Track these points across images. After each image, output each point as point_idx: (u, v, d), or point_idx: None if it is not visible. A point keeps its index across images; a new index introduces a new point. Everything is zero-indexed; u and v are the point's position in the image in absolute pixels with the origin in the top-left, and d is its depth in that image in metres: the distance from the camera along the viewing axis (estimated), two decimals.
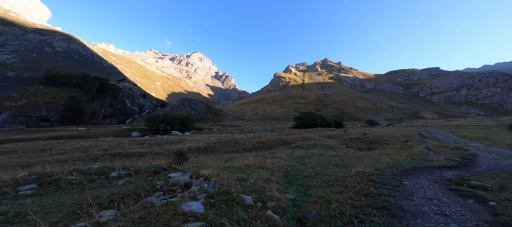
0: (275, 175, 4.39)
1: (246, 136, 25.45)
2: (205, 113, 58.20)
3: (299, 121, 48.54)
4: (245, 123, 58.91)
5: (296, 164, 6.25)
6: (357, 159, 6.64)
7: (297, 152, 10.44)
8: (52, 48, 74.09)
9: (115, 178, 3.57)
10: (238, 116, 79.56)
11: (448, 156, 5.90)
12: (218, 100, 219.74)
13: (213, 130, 35.95)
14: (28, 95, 33.11)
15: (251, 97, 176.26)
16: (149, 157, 10.99)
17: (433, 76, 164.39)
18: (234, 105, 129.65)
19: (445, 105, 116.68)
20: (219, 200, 2.27)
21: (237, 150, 16.10)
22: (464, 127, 30.43)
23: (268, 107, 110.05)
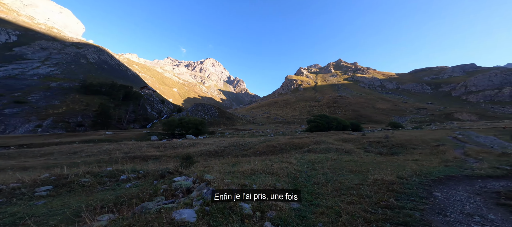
0: (281, 181, 4.16)
1: (257, 139, 25.26)
2: (217, 117, 59.73)
3: (313, 124, 46.78)
4: (256, 127, 58.86)
5: (306, 170, 5.89)
6: (376, 165, 6.00)
7: (309, 156, 9.95)
8: (86, 59, 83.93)
9: (124, 181, 3.73)
10: (250, 120, 79.97)
11: (494, 163, 4.83)
12: (230, 105, 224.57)
13: (225, 134, 36.58)
14: (67, 103, 37.73)
15: (262, 100, 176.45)
16: (164, 160, 11.46)
17: (468, 74, 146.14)
18: (245, 109, 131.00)
19: (485, 105, 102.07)
20: (214, 208, 2.17)
21: (248, 154, 16.01)
22: (500, 130, 26.10)
23: (280, 111, 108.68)
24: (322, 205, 2.74)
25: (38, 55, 67.34)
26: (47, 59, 65.85)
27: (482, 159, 5.78)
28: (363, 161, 6.82)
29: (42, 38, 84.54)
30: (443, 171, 4.35)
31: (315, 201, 2.95)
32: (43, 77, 49.69)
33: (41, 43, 78.63)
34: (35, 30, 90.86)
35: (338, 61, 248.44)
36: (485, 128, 33.56)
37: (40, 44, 76.76)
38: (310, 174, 5.20)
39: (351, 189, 3.40)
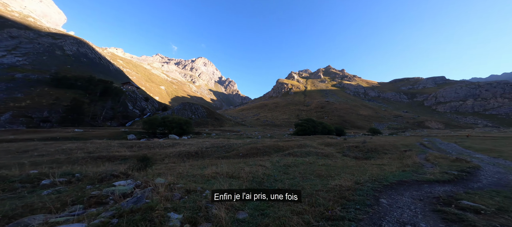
0: (243, 187, 3.79)
1: (242, 141, 24.87)
2: (205, 117, 58.10)
3: (300, 128, 47.66)
4: (245, 129, 58.28)
5: (277, 174, 5.62)
6: (345, 169, 5.97)
7: (286, 159, 9.78)
8: (62, 51, 77.06)
9: (45, 186, 3.10)
10: (239, 121, 79.12)
11: (445, 168, 5.17)
12: (220, 105, 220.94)
13: (211, 135, 35.52)
14: (32, 96, 33.83)
15: (253, 103, 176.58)
16: (133, 161, 10.48)
17: (438, 85, 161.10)
18: (236, 110, 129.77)
19: (451, 115, 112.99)
20: (128, 220, 1.74)
21: (230, 156, 15.50)
22: (471, 138, 29.02)
23: (270, 114, 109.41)
24: (272, 215, 2.43)
25: (5, 44, 60.21)
26: (15, 48, 59.10)
27: (438, 164, 6.13)
28: (335, 166, 6.78)
29: (13, 26, 75.92)
30: (399, 176, 4.44)
31: (266, 210, 2.64)
32: (7, 67, 44.28)
33: (12, 31, 70.51)
34: (6, 18, 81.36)
35: (327, 67, 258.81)
36: (449, 135, 37.07)
37: (9, 32, 68.76)
38: (278, 179, 4.94)
39: (309, 196, 3.18)
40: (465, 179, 4.52)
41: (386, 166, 5.83)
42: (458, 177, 4.45)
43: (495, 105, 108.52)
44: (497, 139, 24.70)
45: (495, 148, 14.16)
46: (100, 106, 36.26)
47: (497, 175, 4.95)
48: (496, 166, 7.03)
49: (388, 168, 5.46)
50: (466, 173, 4.86)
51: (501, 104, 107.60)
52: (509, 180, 4.60)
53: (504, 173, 5.30)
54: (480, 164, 6.43)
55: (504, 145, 15.92)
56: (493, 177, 4.64)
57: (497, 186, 4.09)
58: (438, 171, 4.87)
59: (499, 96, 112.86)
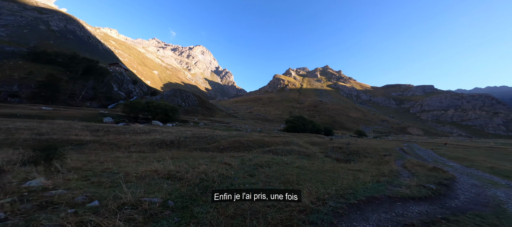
0: (173, 196, 2.80)
1: (228, 133, 23.94)
2: (196, 106, 56.23)
3: (290, 124, 47.34)
4: (236, 121, 57.23)
5: (239, 176, 4.71)
6: (317, 175, 5.19)
7: (263, 158, 8.93)
8: (47, 26, 70.73)
9: None
10: (231, 113, 77.77)
11: (423, 179, 4.63)
12: (214, 95, 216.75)
13: (199, 124, 34.23)
14: (3, 69, 30.52)
15: (248, 95, 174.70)
16: (90, 147, 9.22)
17: (426, 94, 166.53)
18: (229, 102, 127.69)
19: (431, 123, 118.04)
20: None
21: (209, 148, 14.51)
22: (440, 145, 30.06)
23: (263, 108, 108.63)
24: None
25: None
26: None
27: (415, 173, 5.64)
28: (310, 169, 5.99)
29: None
30: (371, 189, 3.79)
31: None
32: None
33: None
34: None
35: (325, 67, 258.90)
36: (426, 142, 38.36)
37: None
38: (237, 183, 3.99)
39: (255, 213, 2.26)
40: (442, 195, 3.92)
41: (362, 173, 5.10)
42: (435, 192, 3.84)
43: (473, 117, 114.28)
44: (469, 148, 25.54)
45: (467, 157, 14.37)
46: (80, 85, 33.51)
47: (474, 189, 4.51)
48: (470, 177, 6.84)
49: (363, 176, 4.71)
50: (443, 186, 4.27)
51: (478, 116, 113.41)
52: (488, 196, 4.03)
53: (481, 186, 4.92)
54: (455, 174, 6.12)
55: (475, 155, 16.25)
56: (471, 192, 4.17)
57: (477, 206, 3.45)
58: (415, 183, 4.19)
59: (477, 109, 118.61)
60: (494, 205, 3.52)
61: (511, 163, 12.19)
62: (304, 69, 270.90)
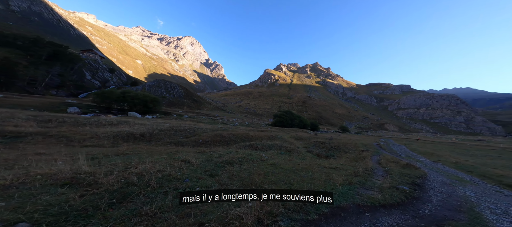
0: (46, 213, 1.76)
1: (211, 127, 22.77)
2: (182, 98, 53.35)
3: (278, 119, 47.27)
4: (224, 114, 55.68)
5: (194, 177, 3.82)
6: (288, 176, 4.56)
7: (238, 153, 8.08)
8: (5, 6, 60.83)
9: None
10: (220, 106, 75.66)
11: (396, 178, 4.35)
12: (203, 88, 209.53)
13: (183, 117, 32.35)
14: None
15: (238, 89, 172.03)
16: (29, 140, 7.57)
17: (403, 93, 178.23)
18: (219, 95, 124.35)
19: (405, 120, 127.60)
20: None
21: (186, 143, 13.30)
22: (414, 141, 32.30)
23: (253, 102, 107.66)
24: None
25: None
26: None
27: (389, 170, 5.46)
28: (284, 168, 5.37)
29: None
30: (340, 194, 3.26)
31: None
32: None
33: None
34: None
35: (314, 64, 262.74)
36: (400, 137, 41.19)
37: None
38: (183, 186, 3.09)
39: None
40: (415, 198, 3.53)
41: (336, 172, 4.58)
42: (408, 196, 3.47)
43: (440, 115, 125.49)
44: (435, 143, 27.66)
45: (434, 152, 15.13)
46: (43, 71, 29.25)
47: (445, 188, 4.35)
48: (439, 173, 6.88)
49: (336, 176, 4.20)
50: (416, 187, 3.98)
51: (444, 114, 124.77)
52: (459, 197, 3.79)
53: (450, 184, 4.85)
54: (426, 171, 6.17)
55: (441, 150, 17.35)
56: (442, 192, 3.97)
57: (451, 212, 3.19)
58: (388, 184, 3.88)
59: (444, 108, 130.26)
60: (468, 209, 3.27)
61: (472, 157, 13.03)
62: (295, 65, 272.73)
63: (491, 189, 4.88)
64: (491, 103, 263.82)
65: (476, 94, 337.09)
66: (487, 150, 19.67)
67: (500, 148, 25.48)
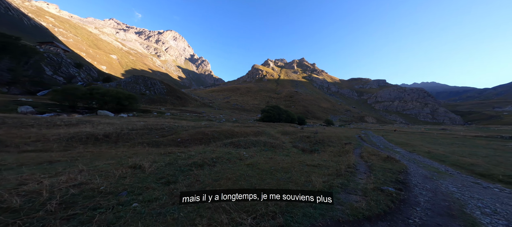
0: None
1: (194, 124, 21.33)
2: (164, 95, 49.80)
3: (265, 114, 46.98)
4: (210, 111, 53.64)
5: (138, 189, 2.83)
6: (262, 180, 3.90)
7: (212, 153, 7.20)
8: None
9: None
10: (206, 102, 72.87)
11: (379, 176, 4.01)
12: (189, 84, 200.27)
13: (165, 114, 30.03)
14: None
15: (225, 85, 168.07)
16: None
17: (380, 87, 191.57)
18: (205, 91, 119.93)
19: (382, 113, 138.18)
20: None
21: (162, 142, 11.94)
22: (390, 132, 34.76)
23: (241, 98, 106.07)
24: None
25: None
26: None
27: (371, 165, 5.26)
28: (262, 167, 4.78)
29: None
30: (316, 207, 2.64)
31: None
32: None
33: None
34: None
35: (301, 60, 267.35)
36: (378, 129, 44.18)
37: None
38: (103, 205, 2.10)
39: None
40: (402, 202, 3.11)
41: (317, 172, 4.20)
42: (394, 200, 3.01)
43: (411, 107, 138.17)
44: (408, 133, 29.96)
45: (408, 142, 15.94)
46: None
47: (428, 183, 4.11)
48: (417, 165, 6.85)
49: (317, 177, 3.77)
50: (401, 185, 3.62)
51: (414, 106, 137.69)
52: (446, 195, 3.50)
53: (431, 178, 4.72)
54: (405, 164, 6.11)
55: (413, 140, 18.45)
56: (426, 189, 3.68)
57: (444, 218, 2.77)
58: (372, 185, 3.41)
59: (414, 100, 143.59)
60: (458, 210, 2.97)
61: (440, 146, 13.95)
62: (282, 61, 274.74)
63: (468, 181, 4.81)
64: (452, 95, 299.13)
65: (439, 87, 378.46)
66: (451, 139, 21.58)
67: (461, 135, 28.49)
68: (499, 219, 2.62)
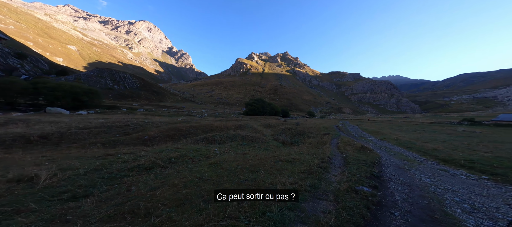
0: None
1: (169, 120, 19.35)
2: (137, 89, 44.71)
3: (249, 107, 46.17)
4: (192, 106, 50.41)
5: None
6: (221, 184, 3.03)
7: (169, 152, 6.04)
8: None
9: None
10: (188, 97, 68.46)
11: (354, 171, 3.59)
12: (168, 78, 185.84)
13: (137, 110, 26.79)
14: None
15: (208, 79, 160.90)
16: None
17: (355, 80, 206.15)
18: (187, 85, 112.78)
19: (357, 104, 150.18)
20: None
21: (124, 141, 10.20)
22: (362, 121, 37.67)
23: (225, 92, 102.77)
24: None
25: None
26: None
27: (347, 157, 5.04)
28: (228, 167, 4.12)
29: None
30: (275, 223, 1.95)
31: None
32: None
33: None
34: None
35: (285, 53, 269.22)
36: (354, 119, 47.59)
37: None
38: None
39: None
40: (379, 207, 2.63)
41: (288, 170, 3.74)
42: (370, 205, 2.50)
43: (380, 98, 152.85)
44: (378, 122, 32.74)
45: (379, 130, 16.89)
46: None
47: (402, 176, 3.84)
48: (388, 153, 6.87)
49: (285, 178, 3.26)
50: (376, 180, 3.23)
51: (383, 97, 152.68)
52: (421, 189, 3.24)
53: (403, 168, 4.55)
54: (378, 153, 6.06)
55: (383, 128, 19.81)
56: (402, 183, 3.39)
57: (426, 223, 2.31)
58: (345, 185, 2.87)
59: (383, 92, 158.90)
60: (439, 210, 2.55)
61: (405, 133, 15.03)
62: (266, 54, 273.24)
63: (435, 168, 4.76)
64: (412, 87, 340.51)
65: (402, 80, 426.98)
66: (413, 126, 23.93)
67: (420, 122, 32.21)
68: (483, 218, 2.34)
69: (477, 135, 13.76)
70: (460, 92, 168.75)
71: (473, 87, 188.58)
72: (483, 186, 3.44)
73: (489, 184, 3.58)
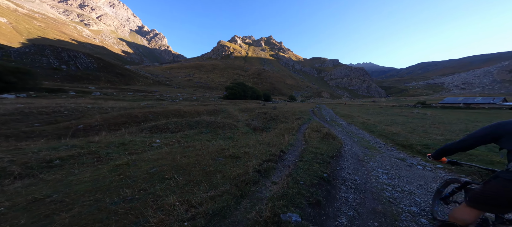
0: None
1: (128, 105, 16.64)
2: (95, 70, 37.52)
3: (230, 91, 43.85)
4: (166, 90, 45.40)
5: None
6: (160, 182, 1.71)
7: (85, 148, 4.34)
8: None
9: None
10: (162, 80, 61.54)
11: (300, 174, 2.73)
12: (139, 60, 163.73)
13: (91, 94, 22.39)
14: None
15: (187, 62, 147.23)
16: None
17: (334, 66, 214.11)
18: (162, 68, 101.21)
19: (334, 89, 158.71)
20: None
21: (42, 132, 8.13)
22: (337, 105, 39.52)
23: (206, 75, 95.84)
24: None
25: None
26: None
27: (306, 148, 4.24)
28: (131, 174, 2.87)
29: None
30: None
31: None
32: None
33: None
34: None
35: (269, 38, 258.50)
36: (330, 103, 49.87)
37: None
38: None
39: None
40: (325, 205, 1.87)
41: (220, 175, 2.62)
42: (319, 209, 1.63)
43: (354, 83, 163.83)
44: (350, 106, 34.66)
45: (350, 113, 17.33)
46: None
47: (358, 174, 3.26)
48: (352, 140, 6.55)
49: (204, 190, 2.26)
50: (323, 191, 2.33)
51: (356, 83, 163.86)
52: (376, 196, 2.55)
53: (362, 160, 4.06)
54: (342, 141, 5.59)
55: (354, 111, 20.45)
56: (355, 187, 2.77)
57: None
58: (269, 211, 1.75)
59: (357, 78, 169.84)
60: None
61: (371, 116, 15.37)
62: (250, 38, 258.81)
63: (394, 157, 4.41)
64: (381, 74, 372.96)
65: (373, 67, 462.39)
66: (378, 109, 25.55)
67: (384, 106, 35.12)
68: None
69: (428, 116, 14.90)
70: (418, 78, 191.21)
71: (427, 74, 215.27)
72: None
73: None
